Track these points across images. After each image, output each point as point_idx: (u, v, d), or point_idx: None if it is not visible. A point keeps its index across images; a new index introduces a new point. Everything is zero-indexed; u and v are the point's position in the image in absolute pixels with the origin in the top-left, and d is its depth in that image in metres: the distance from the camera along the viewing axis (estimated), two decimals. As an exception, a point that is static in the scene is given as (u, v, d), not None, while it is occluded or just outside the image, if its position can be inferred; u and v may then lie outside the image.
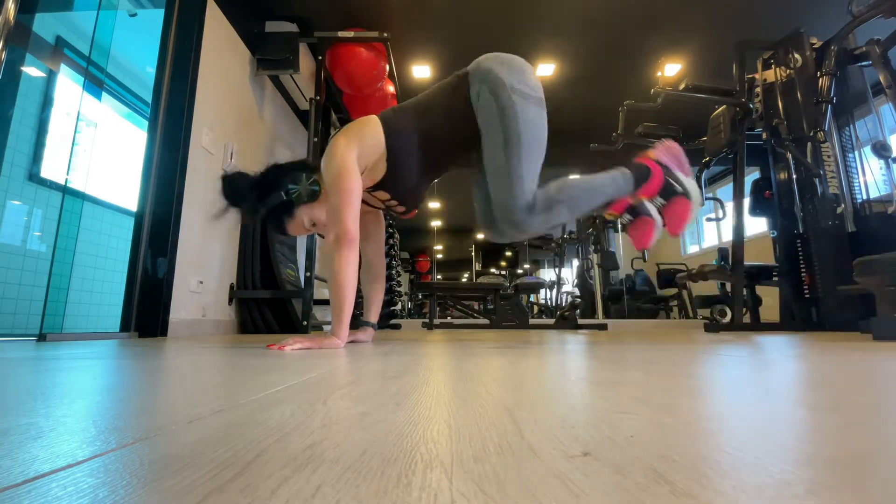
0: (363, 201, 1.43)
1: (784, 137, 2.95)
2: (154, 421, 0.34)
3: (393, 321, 3.93)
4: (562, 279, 6.97)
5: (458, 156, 1.38)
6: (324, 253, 3.70)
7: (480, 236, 8.50)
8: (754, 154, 3.36)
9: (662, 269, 6.01)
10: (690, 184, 1.35)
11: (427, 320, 3.79)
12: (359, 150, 1.27)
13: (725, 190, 5.67)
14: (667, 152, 1.38)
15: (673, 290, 5.74)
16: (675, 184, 1.34)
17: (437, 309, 4.31)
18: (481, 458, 0.25)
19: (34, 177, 2.55)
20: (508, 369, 0.71)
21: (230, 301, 2.64)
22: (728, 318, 3.44)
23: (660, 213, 1.38)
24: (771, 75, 3.17)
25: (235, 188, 1.32)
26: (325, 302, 3.41)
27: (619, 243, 6.31)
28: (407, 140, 1.30)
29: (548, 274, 7.96)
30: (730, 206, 3.28)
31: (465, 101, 1.28)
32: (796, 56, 3.02)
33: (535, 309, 7.19)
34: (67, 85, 2.79)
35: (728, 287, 4.05)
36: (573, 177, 1.32)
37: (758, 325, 3.12)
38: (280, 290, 2.69)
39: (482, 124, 1.27)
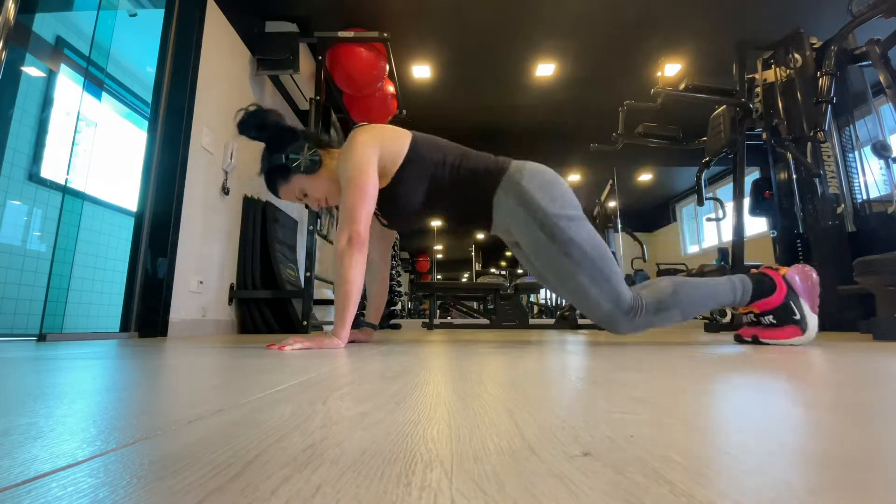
0: None
1: (784, 137, 2.95)
2: (154, 421, 0.34)
3: (393, 321, 3.93)
4: (562, 279, 6.96)
5: (459, 221, 1.40)
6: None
7: (480, 236, 8.50)
8: (754, 154, 3.36)
9: (662, 268, 6.01)
10: (811, 319, 1.27)
11: (427, 320, 3.79)
12: (381, 151, 1.26)
13: (725, 190, 5.67)
14: (803, 277, 1.32)
15: (673, 290, 5.73)
16: (796, 311, 1.27)
17: (437, 309, 4.31)
18: (481, 458, 0.25)
19: (34, 177, 2.55)
20: (508, 369, 0.71)
21: (230, 301, 2.64)
22: (728, 318, 3.44)
23: (761, 324, 1.33)
24: (771, 75, 3.17)
25: (261, 123, 1.30)
26: (325, 302, 3.41)
27: (619, 243, 6.31)
28: (422, 174, 1.30)
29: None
30: (730, 206, 3.28)
31: (489, 190, 1.29)
32: (796, 56, 3.02)
33: (535, 309, 7.18)
34: (67, 85, 2.79)
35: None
36: (688, 280, 1.30)
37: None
38: (280, 290, 2.69)
39: (536, 252, 1.28)
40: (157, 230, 2.12)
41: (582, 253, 1.22)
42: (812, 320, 1.28)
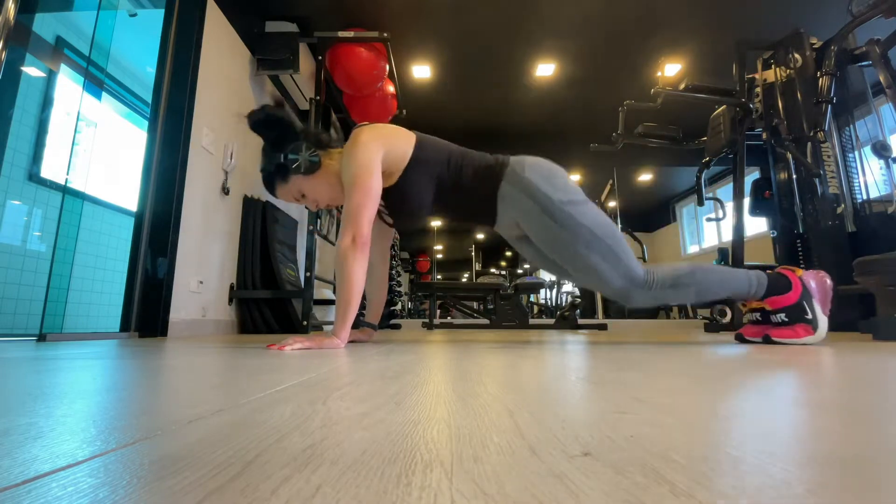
0: None
1: (784, 137, 2.95)
2: (154, 421, 0.34)
3: (393, 321, 3.93)
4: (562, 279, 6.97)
5: (464, 218, 1.41)
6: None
7: (480, 236, 8.50)
8: (754, 154, 3.36)
9: (662, 269, 6.00)
10: (822, 321, 1.31)
11: (427, 320, 3.79)
12: (386, 151, 1.26)
13: (725, 190, 5.67)
14: (818, 281, 1.35)
15: (673, 290, 5.72)
16: (808, 310, 1.31)
17: (437, 309, 4.31)
18: (481, 458, 0.25)
19: (34, 177, 2.55)
20: (508, 369, 0.71)
21: (230, 301, 2.64)
22: (728, 318, 3.44)
23: (771, 322, 1.36)
24: (771, 75, 3.17)
25: (270, 117, 1.28)
26: (325, 302, 3.41)
27: (619, 243, 6.30)
28: (428, 173, 1.31)
29: (548, 274, 7.96)
30: (730, 206, 3.28)
31: (493, 185, 1.30)
32: (796, 56, 3.02)
33: (535, 309, 7.18)
34: (67, 85, 2.79)
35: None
36: (709, 265, 1.33)
37: (758, 325, 3.11)
38: (280, 290, 2.69)
39: (544, 241, 1.30)
40: (157, 230, 2.12)
41: (591, 234, 1.24)
42: (823, 321, 1.31)
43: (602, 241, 1.24)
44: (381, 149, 1.25)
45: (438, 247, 8.46)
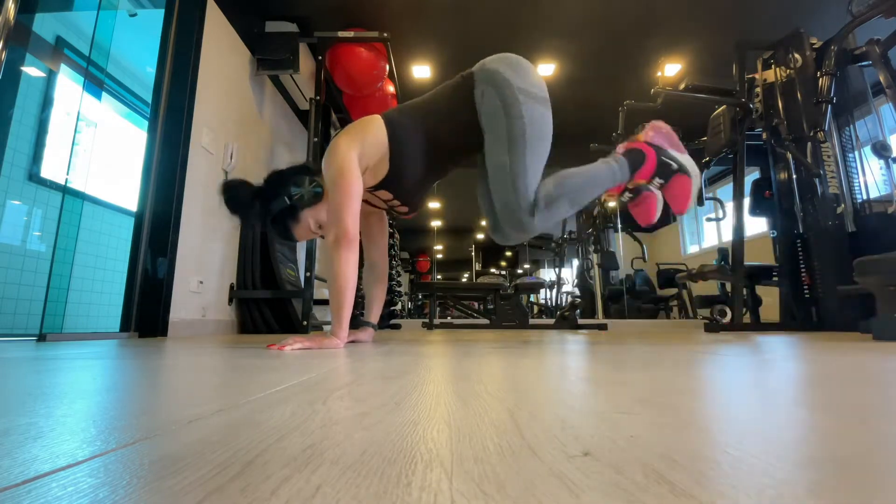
0: (366, 201, 1.43)
1: (784, 137, 2.95)
2: (154, 421, 0.34)
3: (393, 321, 3.93)
4: (562, 279, 6.97)
5: (461, 157, 1.39)
6: (324, 252, 3.69)
7: (480, 236, 8.50)
8: (754, 154, 3.36)
9: (662, 269, 6.01)
10: (686, 160, 1.33)
11: (427, 320, 3.79)
12: (360, 149, 1.27)
13: (725, 190, 5.67)
14: (656, 132, 1.36)
15: (673, 290, 5.73)
16: (670, 162, 1.32)
17: (437, 309, 4.32)
18: (481, 458, 0.25)
19: (34, 177, 2.55)
20: (508, 369, 0.71)
21: (230, 301, 2.65)
22: (728, 318, 3.44)
23: (660, 192, 1.37)
24: (771, 75, 3.17)
25: (236, 197, 1.30)
26: (325, 302, 3.41)
27: (619, 243, 6.31)
28: (410, 140, 1.30)
29: (548, 274, 7.96)
30: (730, 206, 3.28)
31: (469, 101, 1.29)
32: (796, 56, 3.02)
33: (535, 309, 7.18)
34: (67, 85, 2.79)
35: (728, 287, 4.05)
36: (569, 170, 1.31)
37: (758, 325, 3.12)
38: (280, 290, 2.69)
39: (486, 124, 1.27)
40: (157, 230, 2.12)
41: (521, 133, 1.22)
42: (687, 160, 1.34)
43: (525, 145, 1.21)
44: (356, 147, 1.26)
45: (438, 247, 8.46)
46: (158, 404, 0.42)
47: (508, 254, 8.83)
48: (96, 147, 2.87)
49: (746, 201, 3.28)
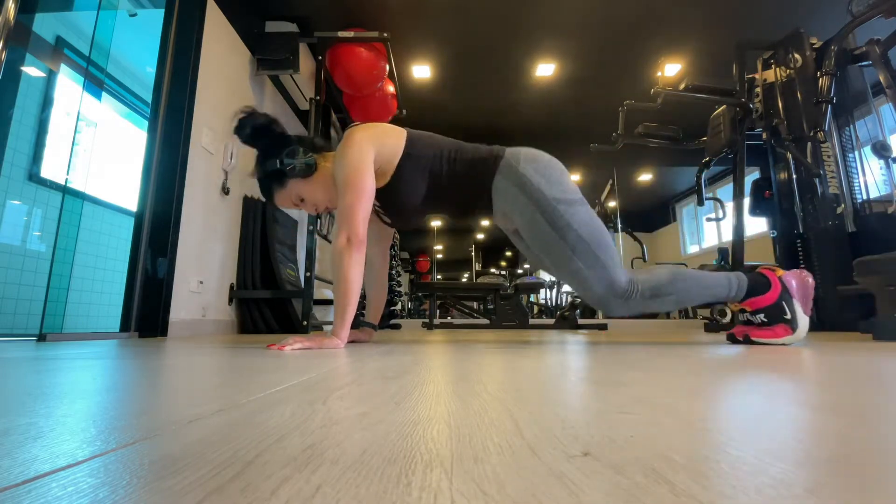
0: None
1: (784, 137, 2.95)
2: (154, 421, 0.34)
3: (393, 321, 3.93)
4: (562, 279, 6.96)
5: (459, 212, 1.40)
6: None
7: (480, 236, 8.50)
8: (754, 154, 3.37)
9: (662, 269, 5.99)
10: (803, 320, 1.29)
11: (427, 320, 3.79)
12: (377, 150, 1.26)
13: (725, 190, 5.67)
14: (799, 281, 1.33)
15: (673, 290, 5.72)
16: (787, 310, 1.29)
17: (437, 309, 4.31)
18: (481, 458, 0.25)
19: (34, 177, 2.55)
20: (508, 369, 0.71)
21: (230, 301, 2.64)
22: (728, 318, 3.44)
23: (753, 323, 1.35)
24: (771, 75, 3.18)
25: (253, 120, 1.29)
26: (325, 302, 3.41)
27: (620, 243, 6.31)
28: (420, 168, 1.30)
29: (548, 274, 7.96)
30: (730, 205, 3.28)
31: (487, 178, 1.30)
32: (796, 56, 3.02)
33: (535, 309, 7.18)
34: (67, 85, 2.79)
35: (728, 287, 4.03)
36: (688, 270, 1.32)
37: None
38: (280, 290, 2.69)
39: (533, 238, 1.29)
40: (157, 230, 2.12)
41: (577, 238, 1.23)
42: (803, 321, 1.29)
43: (588, 246, 1.23)
44: (373, 148, 1.26)
45: (438, 247, 8.46)
46: (158, 404, 0.42)
47: (508, 254, 8.83)
48: (96, 147, 2.87)
49: (746, 201, 3.28)
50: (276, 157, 1.29)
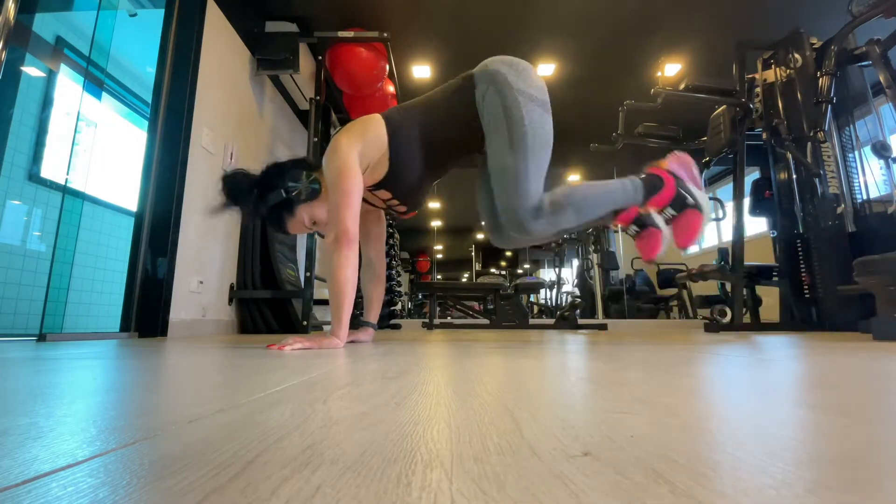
0: (365, 200, 1.43)
1: (784, 137, 2.95)
2: (154, 421, 0.34)
3: (393, 321, 3.93)
4: (562, 279, 6.97)
5: (461, 156, 1.39)
6: (323, 252, 3.68)
7: (480, 236, 8.50)
8: (754, 154, 3.36)
9: (662, 269, 6.01)
10: (702, 197, 1.33)
11: (427, 320, 3.79)
12: (361, 148, 1.27)
13: (725, 190, 5.67)
14: (679, 163, 1.36)
15: (673, 290, 5.73)
16: (686, 195, 1.32)
17: (437, 309, 4.31)
18: (481, 458, 0.25)
19: (34, 177, 2.55)
20: (508, 369, 0.71)
21: (230, 301, 2.64)
22: (728, 318, 3.44)
23: (668, 224, 1.36)
24: (771, 75, 3.17)
25: (236, 187, 1.32)
26: (326, 302, 3.41)
27: (619, 243, 6.31)
28: (410, 139, 1.30)
29: (548, 274, 7.96)
30: (730, 206, 3.28)
31: (470, 102, 1.29)
32: (796, 56, 3.02)
33: (535, 309, 7.18)
34: (67, 85, 2.79)
35: (728, 287, 4.05)
36: (582, 182, 1.31)
37: (758, 325, 3.12)
38: (280, 290, 2.69)
39: (487, 125, 1.27)
40: (157, 230, 2.12)
41: (523, 134, 1.21)
42: (702, 197, 1.34)
43: (527, 147, 1.21)
44: (356, 146, 1.26)
45: (438, 247, 8.46)
46: (158, 404, 0.42)
47: (508, 254, 8.82)
48: (96, 147, 2.87)
49: (746, 201, 3.28)
50: (279, 188, 1.30)
